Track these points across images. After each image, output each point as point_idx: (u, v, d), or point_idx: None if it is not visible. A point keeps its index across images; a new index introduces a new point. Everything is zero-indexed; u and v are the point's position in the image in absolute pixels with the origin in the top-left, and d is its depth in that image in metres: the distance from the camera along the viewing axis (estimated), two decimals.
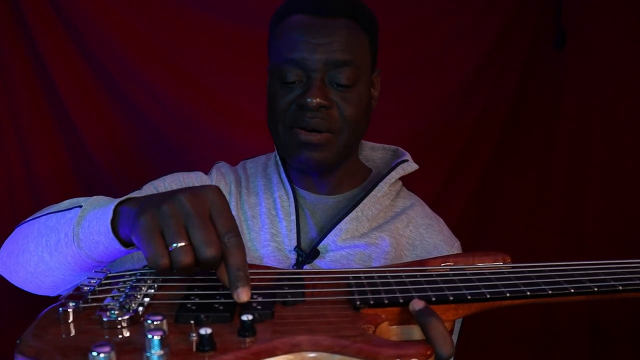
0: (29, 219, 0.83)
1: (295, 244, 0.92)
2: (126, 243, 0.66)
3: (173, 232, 0.56)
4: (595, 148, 1.80)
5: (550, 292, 0.62)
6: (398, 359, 0.51)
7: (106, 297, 0.59)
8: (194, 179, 1.00)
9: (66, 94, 1.49)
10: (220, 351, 0.50)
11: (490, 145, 1.81)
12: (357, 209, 0.95)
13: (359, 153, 1.04)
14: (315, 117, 0.87)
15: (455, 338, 0.93)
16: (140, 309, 0.57)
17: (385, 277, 0.66)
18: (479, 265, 0.70)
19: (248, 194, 1.00)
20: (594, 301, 0.91)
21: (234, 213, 0.95)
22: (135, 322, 0.55)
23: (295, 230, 0.93)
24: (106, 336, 0.53)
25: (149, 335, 0.48)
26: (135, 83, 1.54)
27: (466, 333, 1.01)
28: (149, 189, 0.97)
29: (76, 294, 0.60)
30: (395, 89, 1.44)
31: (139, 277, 0.66)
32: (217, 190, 0.60)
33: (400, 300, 0.60)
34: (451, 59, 1.74)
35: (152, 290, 0.62)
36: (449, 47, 1.73)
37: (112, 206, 0.66)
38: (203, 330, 0.50)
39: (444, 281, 0.65)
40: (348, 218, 0.93)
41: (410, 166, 1.01)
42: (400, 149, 1.06)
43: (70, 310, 0.55)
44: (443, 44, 1.73)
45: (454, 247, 0.99)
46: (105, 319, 0.54)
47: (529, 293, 0.61)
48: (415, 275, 0.67)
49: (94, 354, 0.46)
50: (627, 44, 1.70)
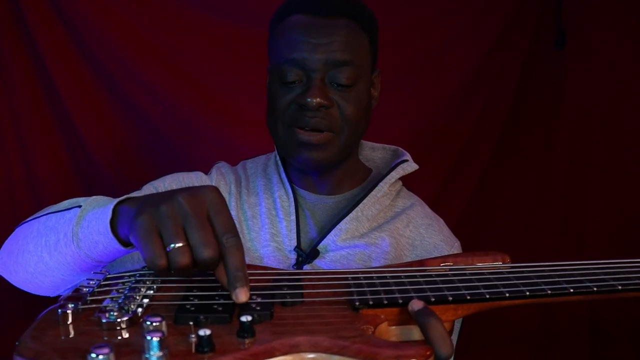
0: (28, 219, 0.83)
1: (295, 244, 0.92)
2: (125, 243, 0.66)
3: (170, 233, 0.56)
4: (595, 148, 1.80)
5: (549, 292, 0.62)
6: (397, 359, 0.51)
7: (105, 299, 0.59)
8: (194, 179, 1.00)
9: (66, 94, 1.49)
10: (219, 352, 0.50)
11: (490, 145, 1.81)
12: (357, 209, 0.94)
13: (359, 153, 1.04)
14: (315, 117, 0.87)
15: (455, 338, 0.93)
16: (139, 310, 0.57)
17: (385, 278, 0.66)
18: (479, 265, 0.70)
19: (248, 194, 1.00)
20: (593, 301, 0.91)
21: (233, 213, 0.96)
22: (134, 324, 0.55)
23: (295, 230, 0.93)
24: (105, 337, 0.53)
25: (148, 337, 0.48)
26: (135, 83, 1.54)
27: (466, 333, 1.01)
28: (148, 189, 0.96)
29: (75, 296, 0.60)
30: (395, 89, 1.44)
31: (138, 278, 0.66)
32: (216, 190, 0.60)
33: (400, 301, 0.60)
34: (451, 59, 1.74)
35: (151, 292, 0.62)
36: (449, 47, 1.73)
37: (111, 206, 0.66)
38: (202, 332, 0.50)
39: (443, 281, 0.65)
40: (348, 218, 0.93)
41: (410, 166, 1.01)
42: (400, 149, 1.06)
43: (69, 311, 0.55)
44: (443, 44, 1.73)
45: (454, 247, 0.99)
46: (104, 320, 0.54)
47: (528, 293, 0.61)
48: (414, 276, 0.67)
49: (93, 355, 0.46)
50: (627, 44, 1.70)
